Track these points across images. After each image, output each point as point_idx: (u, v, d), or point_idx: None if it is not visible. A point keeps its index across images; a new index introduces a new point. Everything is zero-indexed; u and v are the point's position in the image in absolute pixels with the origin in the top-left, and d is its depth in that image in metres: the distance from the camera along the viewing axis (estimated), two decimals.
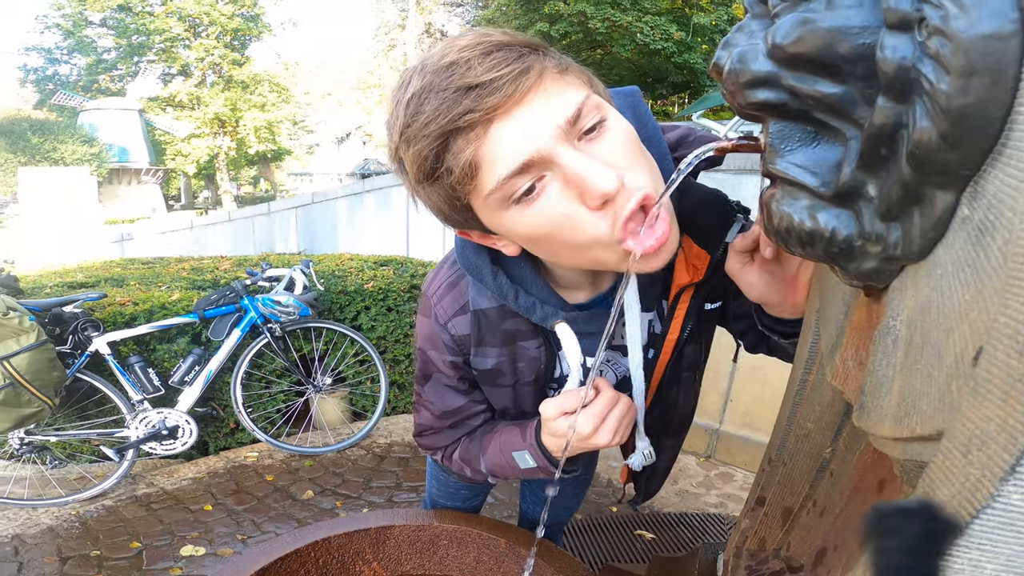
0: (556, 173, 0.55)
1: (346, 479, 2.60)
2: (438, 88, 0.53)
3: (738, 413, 2.70)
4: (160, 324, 2.63)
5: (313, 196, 5.64)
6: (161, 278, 3.52)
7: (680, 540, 2.10)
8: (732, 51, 0.40)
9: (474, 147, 0.53)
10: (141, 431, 2.51)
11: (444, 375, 0.86)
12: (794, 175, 0.40)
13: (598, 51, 18.72)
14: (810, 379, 0.70)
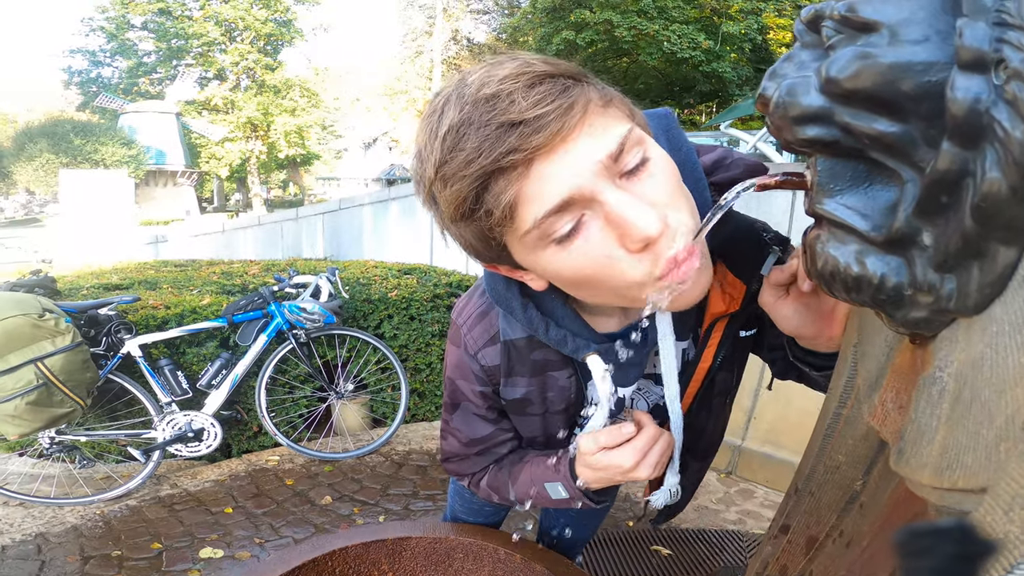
0: (597, 212, 0.53)
1: (364, 485, 2.62)
2: (479, 123, 0.50)
3: (761, 430, 2.65)
4: (190, 328, 2.69)
5: (340, 202, 5.72)
6: (192, 281, 3.61)
7: (697, 557, 2.07)
8: (780, 82, 0.38)
9: (516, 188, 0.50)
10: (168, 433, 2.57)
11: (473, 404, 0.85)
12: (843, 217, 0.38)
13: (624, 59, 18.67)
14: (844, 413, 0.69)
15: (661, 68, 17.59)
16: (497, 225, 0.53)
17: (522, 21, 22.24)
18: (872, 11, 0.34)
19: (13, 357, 2.08)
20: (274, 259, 6.02)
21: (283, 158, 33.84)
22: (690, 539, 2.16)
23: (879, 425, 0.52)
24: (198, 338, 2.78)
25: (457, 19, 29.16)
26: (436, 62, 28.79)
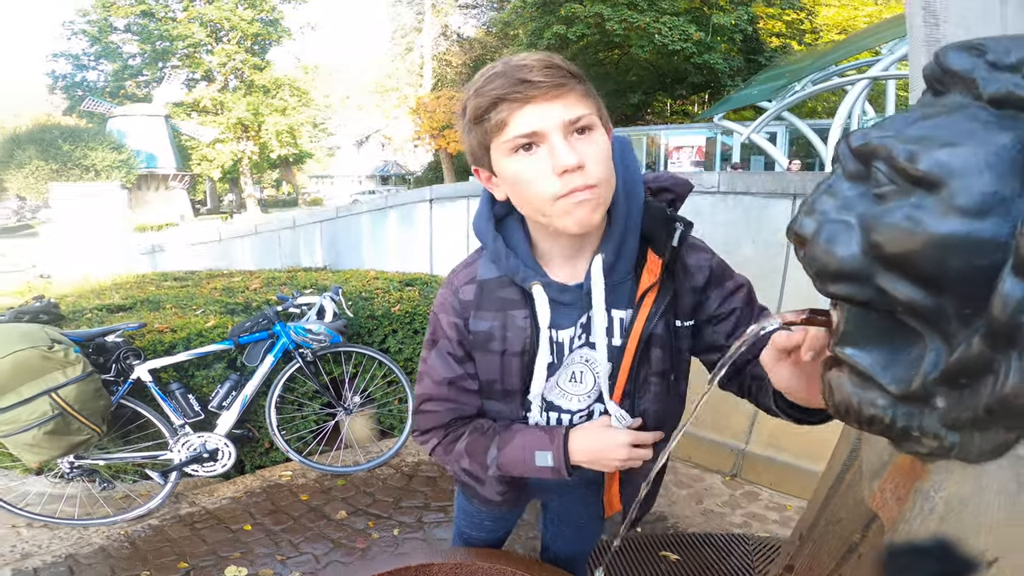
0: (545, 145, 0.80)
1: (377, 499, 2.68)
2: (506, 74, 0.80)
3: (764, 434, 2.71)
4: (198, 352, 2.72)
5: (337, 211, 5.74)
6: (195, 300, 3.63)
7: (705, 561, 2.13)
8: (820, 224, 0.38)
9: (509, 112, 0.79)
10: (183, 454, 2.61)
11: (447, 340, 1.01)
12: (865, 367, 0.40)
13: (615, 52, 18.60)
14: (847, 478, 0.74)
15: (652, 60, 17.56)
16: (490, 132, 0.82)
17: (512, 15, 22.10)
18: (934, 164, 0.32)
19: (26, 389, 2.12)
20: (273, 269, 6.04)
21: (276, 158, 33.64)
22: (697, 543, 2.23)
23: (877, 509, 0.57)
24: (205, 360, 2.81)
25: (446, 14, 28.92)
26: (426, 58, 28.57)
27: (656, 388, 0.97)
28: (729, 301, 0.97)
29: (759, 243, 2.64)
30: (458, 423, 1.05)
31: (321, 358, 2.98)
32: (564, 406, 1.01)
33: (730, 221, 2.70)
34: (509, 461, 0.98)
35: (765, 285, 2.62)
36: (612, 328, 0.94)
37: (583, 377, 0.98)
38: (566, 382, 1.00)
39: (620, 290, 0.93)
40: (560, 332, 0.94)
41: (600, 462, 0.95)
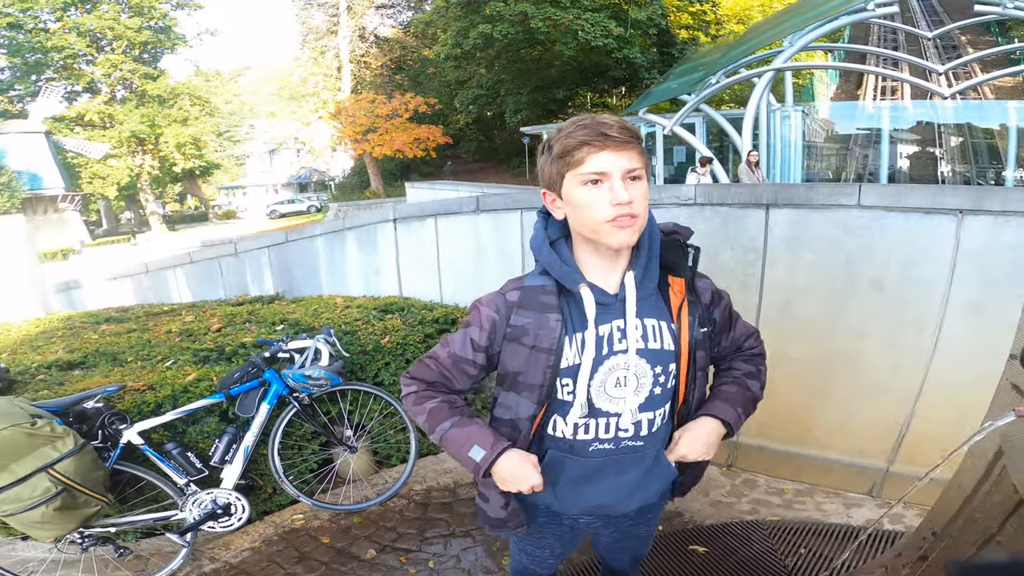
0: (608, 183, 1.06)
1: (400, 533, 2.66)
2: (591, 127, 1.05)
3: (753, 425, 2.92)
4: (188, 408, 2.58)
5: (287, 235, 5.49)
6: (156, 348, 3.40)
7: (728, 548, 2.29)
8: None
9: (586, 154, 1.05)
10: (196, 512, 2.51)
11: (477, 327, 1.21)
12: None
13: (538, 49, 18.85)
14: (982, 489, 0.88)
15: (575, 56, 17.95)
16: (568, 166, 1.08)
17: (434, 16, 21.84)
18: None
19: (18, 467, 2.01)
20: (219, 301, 5.73)
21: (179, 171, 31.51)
22: (718, 533, 2.39)
23: None
24: (196, 416, 2.66)
25: (362, 15, 28.05)
26: (344, 61, 27.63)
27: (700, 381, 1.24)
28: (723, 317, 1.29)
29: (737, 250, 2.83)
30: (439, 386, 1.27)
31: (317, 399, 2.90)
32: (611, 410, 1.18)
33: (708, 231, 2.88)
34: (452, 438, 1.21)
35: (744, 292, 2.82)
36: (647, 333, 1.16)
37: (626, 381, 1.15)
38: (612, 387, 1.16)
39: (647, 303, 1.16)
40: (601, 327, 1.14)
41: (506, 481, 1.19)
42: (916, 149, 12.55)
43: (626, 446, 1.20)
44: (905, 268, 2.46)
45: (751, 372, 1.30)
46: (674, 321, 1.17)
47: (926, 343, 2.46)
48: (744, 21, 20.02)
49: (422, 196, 16.66)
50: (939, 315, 2.42)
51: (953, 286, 2.37)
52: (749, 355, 1.34)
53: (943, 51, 16.34)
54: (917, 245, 2.43)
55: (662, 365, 1.17)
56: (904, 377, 2.54)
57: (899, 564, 1.03)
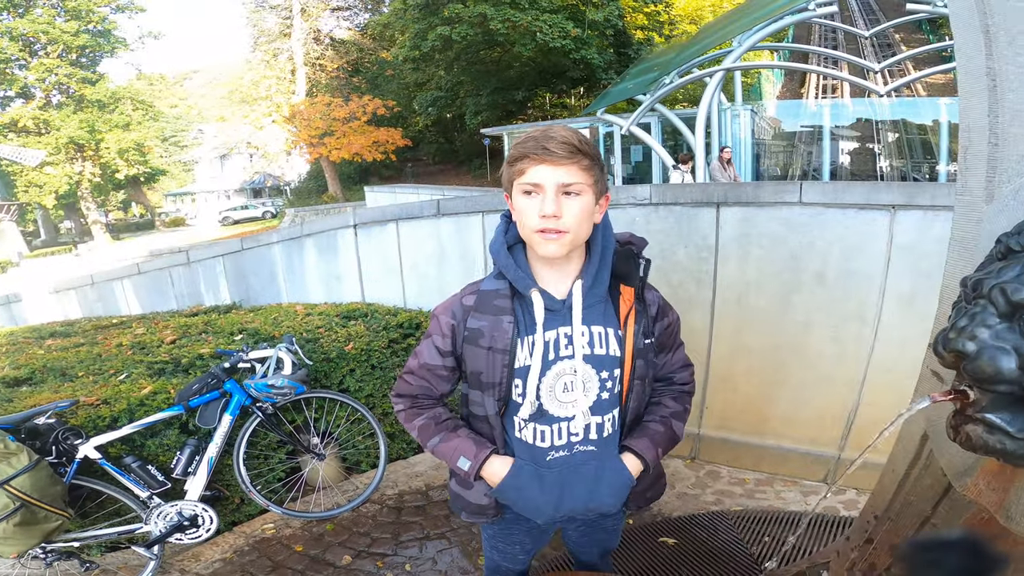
0: (541, 193, 1.11)
1: (374, 537, 2.66)
2: (538, 139, 1.10)
3: (714, 417, 3.04)
4: (145, 422, 2.54)
5: (243, 242, 5.37)
6: (108, 362, 3.30)
7: (697, 539, 2.38)
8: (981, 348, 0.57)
9: (526, 165, 1.11)
10: (162, 525, 2.47)
11: (439, 335, 1.28)
12: (1001, 424, 0.61)
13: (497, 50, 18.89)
14: (912, 473, 0.96)
15: (534, 57, 18.07)
16: (514, 174, 1.15)
17: (392, 18, 21.59)
18: None
19: None
20: (171, 312, 5.56)
21: (122, 178, 30.22)
22: (686, 525, 2.48)
23: (973, 497, 0.78)
24: (154, 429, 2.61)
25: (316, 18, 27.44)
26: (299, 64, 26.95)
27: (638, 389, 1.27)
28: (664, 334, 1.33)
29: (691, 248, 2.94)
30: (423, 399, 1.35)
31: (281, 408, 2.87)
32: (563, 415, 1.23)
33: (663, 230, 2.98)
34: (441, 453, 1.29)
35: (699, 288, 2.94)
36: (593, 340, 1.21)
37: (573, 386, 1.21)
38: (561, 392, 1.21)
39: (595, 310, 1.22)
40: (548, 332, 1.20)
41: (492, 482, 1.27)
42: (856, 145, 13.16)
43: (580, 451, 1.24)
44: (845, 262, 2.61)
45: (678, 412, 1.34)
46: (621, 328, 1.22)
47: (867, 333, 2.62)
48: (696, 21, 20.57)
49: (382, 200, 16.49)
50: (878, 306, 2.58)
51: (889, 278, 2.53)
52: (679, 391, 1.38)
53: (879, 49, 17.16)
54: (855, 240, 2.58)
55: (608, 370, 1.22)
56: (849, 366, 2.69)
57: (848, 548, 1.11)
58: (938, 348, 0.62)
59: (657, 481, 1.42)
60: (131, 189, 36.80)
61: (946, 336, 0.61)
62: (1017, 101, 0.69)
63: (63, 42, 25.37)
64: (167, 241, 26.12)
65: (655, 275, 2.99)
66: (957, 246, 0.80)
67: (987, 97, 0.72)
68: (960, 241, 0.80)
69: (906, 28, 16.96)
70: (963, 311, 0.61)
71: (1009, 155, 0.71)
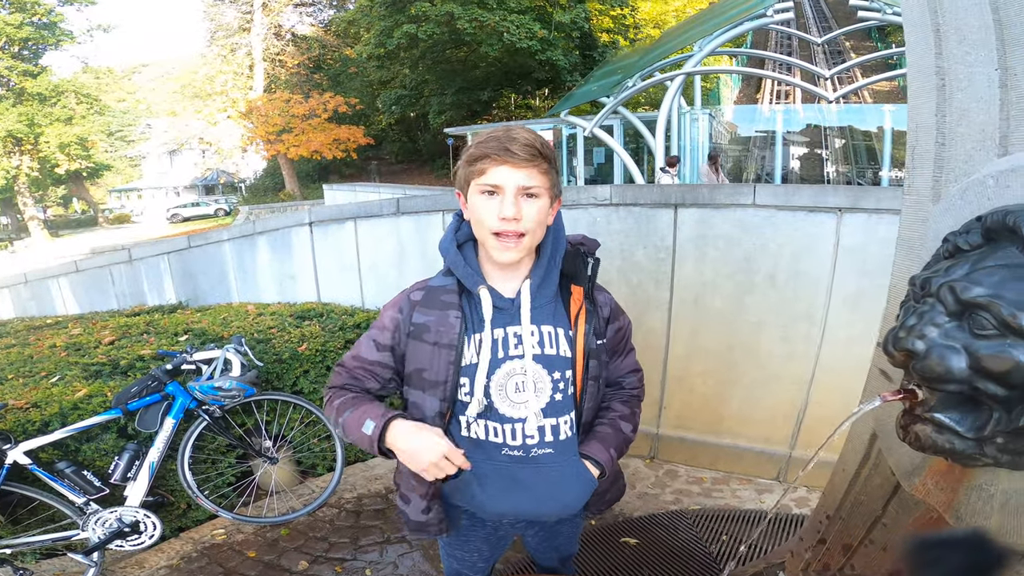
0: (502, 195, 1.10)
1: (332, 542, 2.57)
2: (499, 139, 1.09)
3: (672, 417, 3.07)
4: (79, 426, 2.41)
5: (190, 240, 5.14)
6: (39, 364, 3.11)
7: (657, 538, 2.39)
8: (930, 347, 0.57)
9: (487, 165, 1.10)
10: (100, 532, 2.36)
11: (380, 329, 1.25)
12: (950, 424, 0.60)
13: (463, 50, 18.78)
14: (863, 472, 0.96)
15: (500, 58, 18.02)
16: (473, 173, 1.12)
17: (358, 14, 21.20)
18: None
19: None
20: (112, 311, 5.30)
21: (63, 173, 28.75)
22: (647, 524, 2.49)
23: (922, 497, 0.78)
24: (90, 433, 2.47)
25: (278, 13, 26.64)
26: (257, 59, 26.09)
27: (592, 389, 1.24)
28: (615, 337, 1.32)
29: (649, 248, 2.96)
30: (348, 387, 1.28)
31: (230, 411, 2.75)
32: (515, 415, 1.19)
33: (623, 230, 2.99)
34: (349, 423, 1.18)
35: (657, 288, 2.96)
36: (543, 340, 1.19)
37: (525, 386, 1.18)
38: (513, 392, 1.19)
39: (545, 310, 1.21)
40: (496, 331, 1.18)
41: (413, 456, 1.10)
42: (805, 151, 13.65)
43: (536, 454, 1.21)
44: (794, 263, 2.68)
45: (626, 415, 1.32)
46: (572, 327, 1.21)
47: (815, 333, 2.69)
48: (660, 26, 20.93)
49: (341, 198, 16.15)
50: (825, 306, 2.65)
51: (835, 279, 2.61)
52: (628, 396, 1.36)
53: (830, 56, 17.85)
54: (804, 242, 2.65)
55: (559, 371, 1.19)
56: (798, 365, 2.76)
57: (802, 548, 1.11)
58: (888, 347, 0.62)
59: (616, 483, 1.41)
60: (72, 184, 35.06)
61: (895, 335, 0.61)
62: (965, 100, 0.69)
63: (5, 34, 24.13)
64: (111, 238, 24.96)
65: (615, 275, 3.00)
66: (904, 246, 0.81)
67: (935, 96, 0.72)
68: (907, 241, 0.80)
69: (856, 35, 17.70)
70: (912, 310, 0.61)
71: (956, 155, 0.71)
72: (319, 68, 27.66)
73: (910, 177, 0.80)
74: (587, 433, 1.29)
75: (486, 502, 1.26)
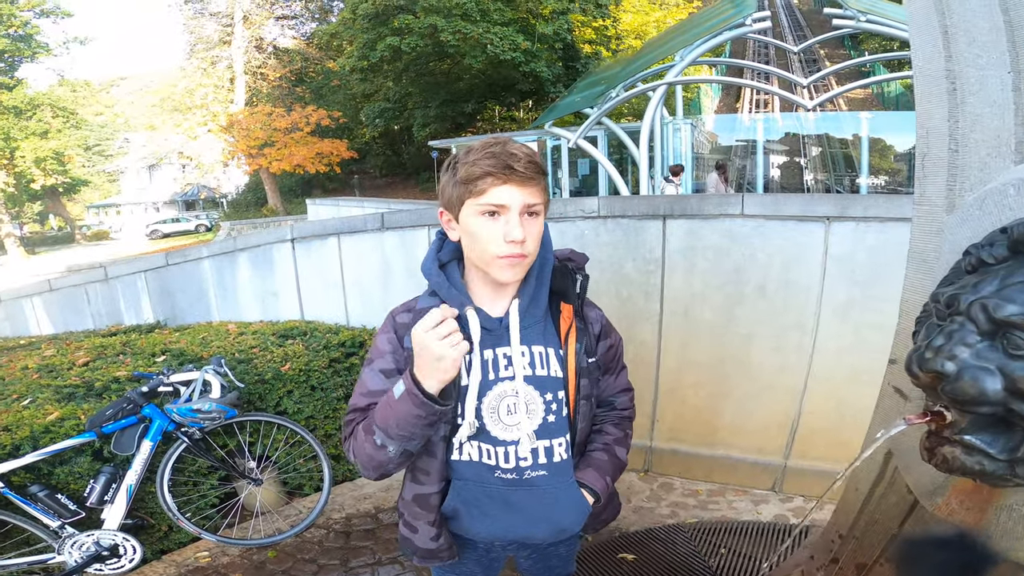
0: (505, 215, 1.04)
1: (321, 564, 2.49)
2: (496, 155, 1.02)
3: (665, 430, 3.03)
4: (51, 450, 2.34)
5: (168, 257, 5.02)
6: (12, 388, 2.99)
7: (655, 553, 2.34)
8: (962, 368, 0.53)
9: (488, 185, 1.02)
10: (77, 556, 2.30)
11: (381, 357, 1.18)
12: (981, 446, 0.57)
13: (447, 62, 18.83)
14: (877, 491, 0.92)
15: (484, 69, 18.09)
16: (469, 193, 1.04)
17: (340, 27, 21.18)
18: None
19: None
20: (87, 331, 5.14)
21: (39, 188, 28.24)
22: (644, 539, 2.44)
23: (945, 516, 0.75)
24: (63, 456, 2.39)
25: (260, 26, 26.51)
26: (238, 73, 25.89)
27: (584, 409, 1.21)
28: (606, 355, 1.28)
29: (638, 260, 2.94)
30: None
31: (211, 433, 2.67)
32: (507, 438, 1.15)
33: (611, 242, 2.97)
34: (380, 414, 1.07)
35: (647, 300, 2.93)
36: (534, 360, 1.15)
37: (516, 408, 1.14)
38: (505, 415, 1.15)
39: (535, 329, 1.16)
40: (485, 352, 1.14)
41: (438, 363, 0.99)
42: (785, 159, 13.84)
43: (530, 476, 1.17)
44: (784, 272, 2.67)
45: (619, 438, 1.29)
46: (562, 346, 1.17)
47: (807, 343, 2.68)
48: (641, 36, 21.18)
49: (325, 213, 16.02)
50: (815, 316, 2.64)
51: (825, 288, 2.60)
52: (619, 417, 1.33)
53: (806, 65, 18.20)
54: (793, 251, 2.64)
55: (551, 392, 1.16)
56: (790, 376, 2.74)
57: (813, 567, 1.07)
58: (912, 368, 0.58)
59: (611, 503, 1.37)
60: (49, 200, 34.45)
61: (921, 355, 0.57)
62: (977, 105, 0.66)
63: None
64: (88, 256, 24.47)
65: (605, 288, 2.97)
66: (916, 258, 0.78)
67: (946, 101, 0.69)
68: (919, 253, 0.77)
69: (830, 44, 18.08)
70: (938, 328, 0.58)
71: (970, 162, 0.68)
72: (301, 81, 27.57)
73: (921, 186, 0.77)
74: (581, 455, 1.25)
75: (478, 528, 1.22)
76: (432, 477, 1.19)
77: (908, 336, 0.75)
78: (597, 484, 1.21)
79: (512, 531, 1.21)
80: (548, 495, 1.18)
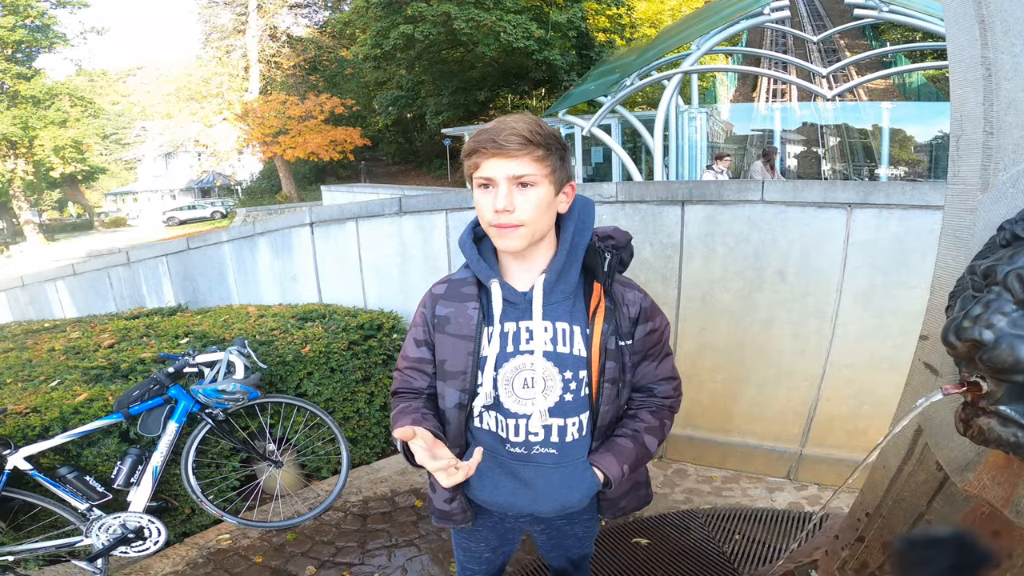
0: (495, 187, 1.09)
1: (339, 547, 2.54)
2: (488, 130, 1.08)
3: (680, 416, 3.01)
4: (80, 431, 2.37)
5: (189, 242, 5.10)
6: (38, 368, 3.06)
7: (669, 538, 2.37)
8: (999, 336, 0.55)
9: (480, 159, 1.09)
10: (104, 538, 2.33)
11: (416, 326, 1.30)
12: (1016, 417, 0.58)
13: (460, 50, 18.75)
14: (905, 469, 0.93)
15: (497, 57, 18.00)
16: (471, 166, 1.12)
17: (353, 15, 21.17)
18: None
19: None
20: (111, 314, 5.24)
21: (58, 176, 28.66)
22: (658, 524, 2.46)
23: (976, 492, 0.76)
24: (91, 438, 2.44)
25: (273, 15, 26.58)
26: (253, 61, 26.02)
27: (608, 392, 1.19)
28: (646, 340, 1.24)
29: (656, 246, 2.94)
30: (404, 393, 1.31)
31: (234, 414, 2.72)
32: (514, 410, 1.18)
33: (630, 227, 2.96)
34: (393, 419, 1.24)
35: (665, 286, 2.94)
36: (556, 337, 1.16)
37: (533, 382, 1.17)
38: (520, 388, 1.17)
39: (562, 306, 1.18)
40: (506, 324, 1.18)
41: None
42: (802, 149, 13.65)
43: (539, 453, 1.18)
44: (804, 259, 2.65)
45: (653, 427, 1.24)
46: (589, 325, 1.17)
47: (826, 329, 2.67)
48: (656, 25, 20.94)
49: (340, 200, 16.11)
50: (835, 303, 2.63)
51: (846, 275, 2.59)
52: (658, 405, 1.27)
53: (825, 55, 17.87)
54: (814, 237, 2.62)
55: (572, 371, 1.16)
56: (809, 362, 2.73)
57: (838, 547, 1.09)
58: (949, 337, 0.59)
59: (634, 491, 1.36)
60: (68, 188, 34.94)
61: (959, 324, 0.58)
62: (1012, 90, 0.68)
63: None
64: (107, 242, 24.88)
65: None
66: (950, 235, 0.79)
67: (982, 87, 0.71)
68: (953, 230, 0.78)
69: (850, 34, 17.74)
70: (975, 299, 0.59)
71: (1005, 143, 0.70)
72: (315, 69, 27.63)
73: (955, 166, 0.78)
74: (604, 438, 1.24)
75: (487, 495, 1.26)
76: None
77: (940, 312, 0.75)
78: (611, 470, 1.18)
79: (518, 503, 1.23)
80: (555, 473, 1.20)
